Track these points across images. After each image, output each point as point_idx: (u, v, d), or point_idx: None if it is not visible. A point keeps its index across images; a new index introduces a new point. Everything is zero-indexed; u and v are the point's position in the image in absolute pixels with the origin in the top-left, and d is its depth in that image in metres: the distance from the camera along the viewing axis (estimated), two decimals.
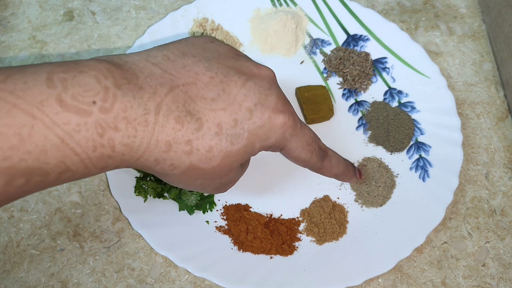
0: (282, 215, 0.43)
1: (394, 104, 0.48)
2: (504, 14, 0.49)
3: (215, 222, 0.43)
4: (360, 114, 0.48)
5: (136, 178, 0.43)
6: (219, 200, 0.44)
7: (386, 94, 0.49)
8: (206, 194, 0.43)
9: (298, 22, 0.50)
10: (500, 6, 0.50)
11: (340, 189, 0.44)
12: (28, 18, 0.53)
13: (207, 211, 0.43)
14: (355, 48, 0.50)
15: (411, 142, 0.46)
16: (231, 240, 0.42)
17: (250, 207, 0.43)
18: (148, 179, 0.43)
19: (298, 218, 0.43)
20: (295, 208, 0.44)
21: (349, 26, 0.51)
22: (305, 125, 0.34)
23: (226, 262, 0.40)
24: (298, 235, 0.42)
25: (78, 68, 0.26)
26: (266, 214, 0.43)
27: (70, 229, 0.43)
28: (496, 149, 0.47)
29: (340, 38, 0.51)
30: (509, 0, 0.48)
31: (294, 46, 0.50)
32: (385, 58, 0.50)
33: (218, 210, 0.43)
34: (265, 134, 0.31)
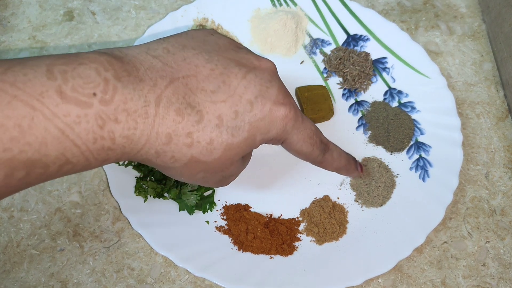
0: (282, 215, 0.43)
1: (394, 104, 0.48)
2: (504, 14, 0.49)
3: (215, 222, 0.43)
4: (360, 114, 0.48)
5: (136, 178, 0.43)
6: (219, 200, 0.44)
7: (386, 94, 0.49)
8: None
9: (298, 22, 0.50)
10: (500, 6, 0.50)
11: (340, 189, 0.44)
12: (28, 18, 0.53)
13: (207, 211, 0.43)
14: (355, 48, 0.50)
15: (411, 142, 0.46)
16: (231, 240, 0.42)
17: (250, 207, 0.43)
18: (148, 179, 0.43)
19: (298, 218, 0.43)
20: (295, 208, 0.44)
21: (349, 26, 0.51)
22: (306, 118, 0.34)
23: (226, 262, 0.40)
24: (298, 235, 0.42)
25: (79, 60, 0.26)
26: (266, 214, 0.43)
27: (70, 229, 0.43)
28: (496, 149, 0.47)
29: (340, 38, 0.51)
30: (509, 0, 0.48)
31: (294, 46, 0.50)
32: (385, 58, 0.50)
33: (218, 210, 0.43)
34: (266, 126, 0.31)
